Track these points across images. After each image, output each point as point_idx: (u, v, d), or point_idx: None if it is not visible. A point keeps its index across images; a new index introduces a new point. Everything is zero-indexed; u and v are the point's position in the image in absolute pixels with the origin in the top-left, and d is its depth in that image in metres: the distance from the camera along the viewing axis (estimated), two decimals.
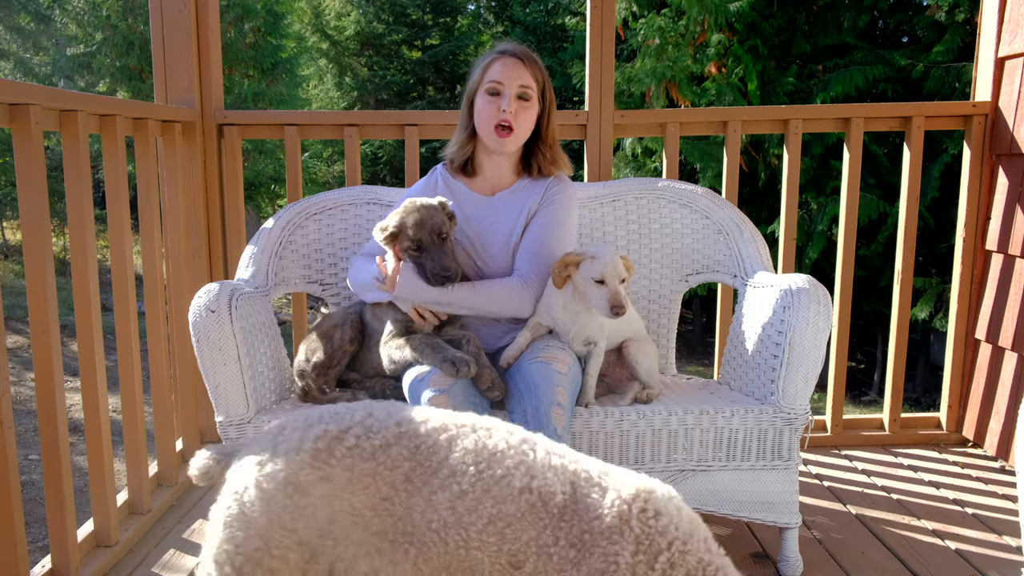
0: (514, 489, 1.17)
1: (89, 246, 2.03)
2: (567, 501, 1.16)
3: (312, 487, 1.20)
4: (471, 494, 1.17)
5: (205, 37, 2.71)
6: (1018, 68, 2.70)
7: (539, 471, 1.19)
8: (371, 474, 1.20)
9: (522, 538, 1.15)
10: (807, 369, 1.89)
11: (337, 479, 1.20)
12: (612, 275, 1.82)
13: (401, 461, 1.20)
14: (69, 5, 11.58)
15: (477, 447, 1.21)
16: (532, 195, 2.11)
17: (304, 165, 12.77)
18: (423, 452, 1.21)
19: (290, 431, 1.26)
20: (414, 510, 1.18)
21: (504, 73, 2.01)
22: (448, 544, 1.16)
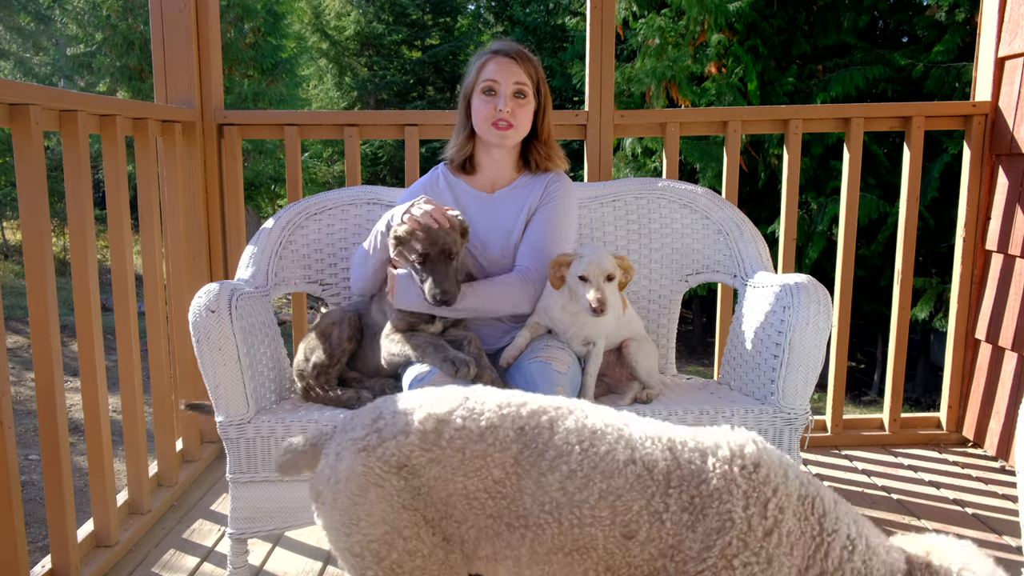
0: (619, 463, 1.20)
1: (89, 246, 2.03)
2: (670, 468, 1.20)
3: (424, 469, 1.21)
4: (580, 473, 1.19)
5: (205, 37, 2.71)
6: (1018, 68, 2.70)
7: (638, 443, 1.23)
8: (482, 456, 1.22)
9: (633, 508, 1.19)
10: (807, 369, 1.89)
11: (448, 462, 1.21)
12: (595, 273, 1.82)
13: (509, 443, 1.22)
14: (69, 5, 11.58)
15: (578, 426, 1.24)
16: (532, 192, 2.12)
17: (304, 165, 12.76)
18: (528, 434, 1.23)
19: (390, 415, 1.26)
20: (525, 493, 1.20)
21: (499, 72, 2.02)
22: (563, 524, 1.19)
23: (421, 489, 1.21)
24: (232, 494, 1.92)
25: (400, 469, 1.21)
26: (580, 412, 1.27)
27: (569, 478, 1.19)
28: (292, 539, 2.29)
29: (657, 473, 1.20)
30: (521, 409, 1.26)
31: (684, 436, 1.26)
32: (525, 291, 1.99)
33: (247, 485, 1.91)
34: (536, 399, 1.31)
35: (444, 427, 1.23)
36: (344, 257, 2.36)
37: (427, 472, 1.21)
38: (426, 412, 1.25)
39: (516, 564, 1.23)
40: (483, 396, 1.29)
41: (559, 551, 1.20)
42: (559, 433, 1.23)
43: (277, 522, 1.93)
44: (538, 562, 1.22)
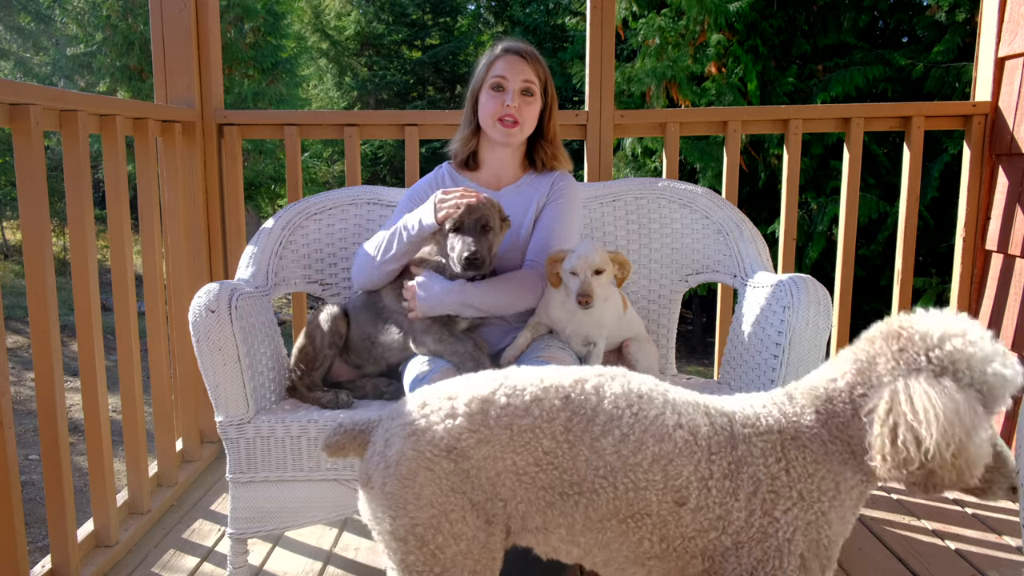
0: (668, 427, 1.22)
1: (89, 246, 2.03)
2: (710, 433, 1.22)
3: (473, 450, 1.23)
4: (633, 436, 1.21)
5: (205, 37, 2.71)
6: (1018, 68, 2.70)
7: (682, 407, 1.25)
8: (530, 429, 1.22)
9: (683, 473, 1.20)
10: (807, 369, 1.87)
11: (497, 440, 1.23)
12: (584, 266, 1.83)
13: (556, 412, 1.23)
14: (69, 5, 11.57)
15: (625, 391, 1.25)
16: (539, 189, 2.13)
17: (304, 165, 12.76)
18: (575, 401, 1.24)
19: (435, 401, 1.28)
20: (579, 459, 1.21)
21: (508, 69, 2.03)
22: (618, 488, 1.20)
23: (470, 472, 1.23)
24: (232, 494, 1.92)
25: (450, 452, 1.23)
26: (623, 377, 1.29)
27: (622, 441, 1.21)
28: (292, 539, 2.29)
29: (700, 438, 1.22)
30: (563, 379, 1.27)
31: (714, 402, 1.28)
32: (540, 285, 2.01)
33: (247, 485, 1.91)
34: (576, 368, 1.32)
35: (490, 407, 1.25)
36: (344, 257, 2.36)
37: (476, 453, 1.23)
38: (470, 395, 1.27)
39: (570, 531, 1.25)
40: (522, 373, 1.31)
41: (613, 517, 1.22)
42: (607, 398, 1.24)
43: (277, 522, 1.93)
44: (592, 529, 1.23)
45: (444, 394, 1.29)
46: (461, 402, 1.26)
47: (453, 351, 1.85)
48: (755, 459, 1.21)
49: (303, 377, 2.03)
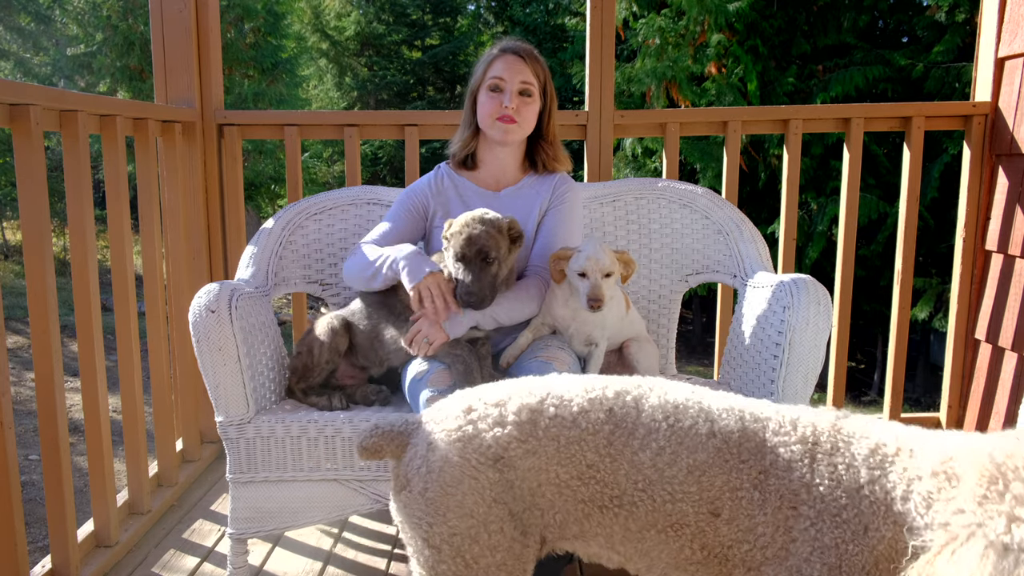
0: (702, 436, 1.20)
1: (89, 246, 2.03)
2: (741, 439, 1.19)
3: (520, 461, 1.21)
4: (668, 448, 1.20)
5: (205, 37, 2.71)
6: (1018, 68, 2.70)
7: (715, 415, 1.22)
8: (577, 441, 1.21)
9: (716, 483, 1.18)
10: (807, 369, 1.89)
11: (544, 451, 1.21)
12: (593, 268, 1.82)
13: (600, 425, 1.22)
14: (69, 5, 11.58)
15: (663, 403, 1.24)
16: (541, 193, 2.12)
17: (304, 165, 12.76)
18: (617, 414, 1.23)
19: (482, 407, 1.26)
20: (619, 473, 1.20)
21: (506, 70, 2.02)
22: (656, 501, 1.19)
23: (514, 482, 1.21)
24: (232, 494, 1.93)
25: (496, 461, 1.21)
26: (660, 388, 1.28)
27: (659, 454, 1.20)
28: (292, 539, 2.29)
29: (732, 445, 1.20)
30: (606, 391, 1.26)
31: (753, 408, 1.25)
32: (545, 291, 2.01)
33: (247, 485, 1.91)
34: (617, 380, 1.31)
35: (539, 417, 1.23)
36: (344, 257, 2.36)
37: (522, 464, 1.21)
38: (519, 403, 1.25)
39: (608, 540, 1.24)
40: (567, 382, 1.29)
41: (652, 527, 1.20)
42: (645, 411, 1.24)
43: (277, 522, 1.93)
44: (631, 539, 1.22)
45: (492, 400, 1.26)
46: (510, 410, 1.24)
47: (447, 352, 1.85)
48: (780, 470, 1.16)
49: (299, 382, 2.03)
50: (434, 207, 2.12)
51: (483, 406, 1.26)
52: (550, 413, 1.23)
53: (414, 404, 1.83)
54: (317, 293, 2.36)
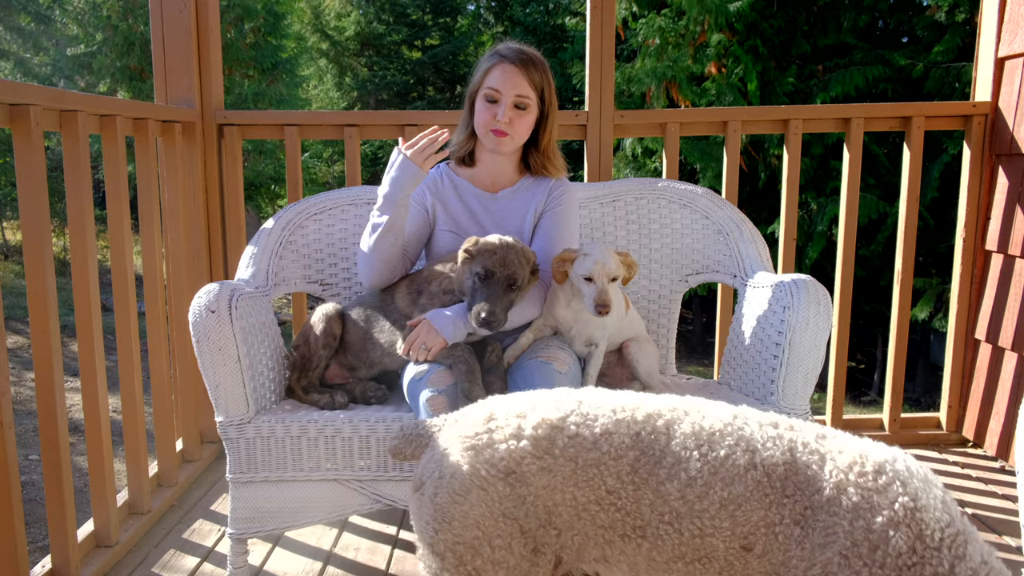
0: (739, 468, 1.12)
1: (89, 246, 2.03)
2: (787, 472, 1.11)
3: (533, 477, 1.16)
4: (700, 480, 1.12)
5: (205, 37, 2.71)
6: (1018, 68, 2.70)
7: (758, 444, 1.14)
8: (596, 464, 1.15)
9: (752, 519, 1.11)
10: (807, 369, 1.89)
11: (560, 471, 1.16)
12: (600, 273, 1.82)
13: (625, 450, 1.16)
14: (69, 5, 11.57)
15: (696, 430, 1.16)
16: (536, 195, 2.12)
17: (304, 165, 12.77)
18: (644, 440, 1.16)
19: (503, 417, 1.22)
20: (643, 503, 1.14)
21: (502, 81, 2.01)
22: (683, 535, 1.13)
23: (527, 498, 1.16)
24: (232, 494, 1.92)
25: (508, 475, 1.16)
26: (696, 413, 1.20)
27: (689, 486, 1.12)
28: (292, 539, 2.29)
29: (775, 479, 1.11)
30: (636, 413, 1.20)
31: (810, 436, 1.15)
32: (545, 295, 2.01)
33: (247, 485, 1.91)
34: (651, 401, 1.23)
35: (558, 434, 1.17)
36: (344, 257, 2.36)
37: (536, 481, 1.16)
38: (540, 417, 1.20)
39: (633, 569, 1.18)
40: (597, 400, 1.24)
41: (679, 560, 1.15)
42: (676, 438, 1.16)
43: (277, 522, 1.93)
44: (657, 569, 1.16)
45: (514, 410, 1.22)
46: (529, 423, 1.19)
47: (448, 354, 1.85)
48: (842, 514, 1.05)
49: (300, 379, 2.03)
50: (433, 205, 2.13)
51: (504, 416, 1.22)
52: (570, 431, 1.17)
53: (413, 404, 1.83)
54: (317, 293, 2.36)
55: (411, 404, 1.87)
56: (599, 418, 1.19)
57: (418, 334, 1.86)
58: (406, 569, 2.13)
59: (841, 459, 1.10)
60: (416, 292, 2.01)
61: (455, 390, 1.78)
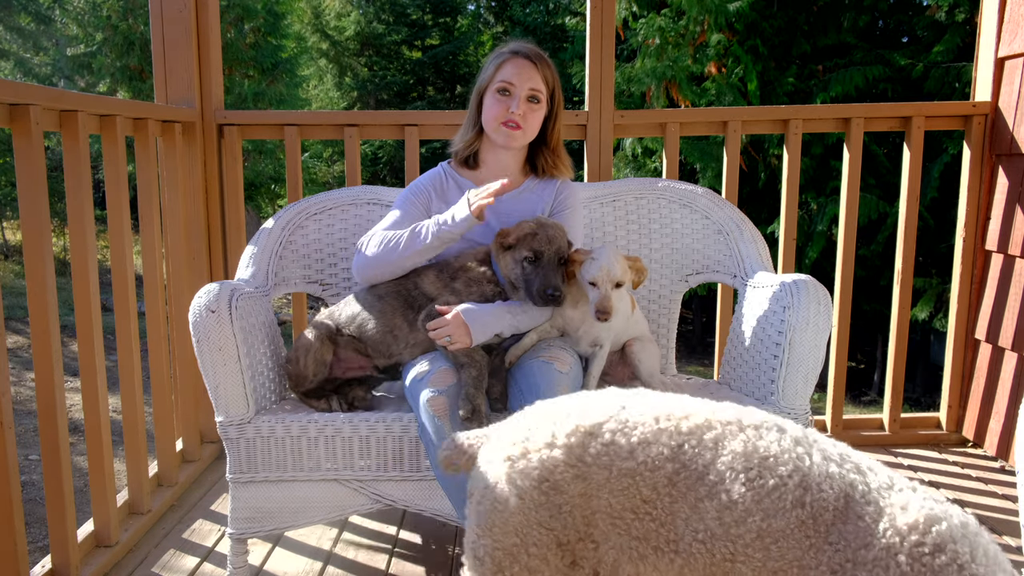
0: (786, 503, 1.06)
1: (89, 246, 2.03)
2: (836, 519, 1.04)
3: (567, 485, 1.15)
4: (741, 505, 1.07)
5: (205, 37, 2.71)
6: (1018, 68, 2.70)
7: (814, 482, 1.06)
8: (631, 474, 1.13)
9: (787, 556, 1.05)
10: (807, 369, 1.89)
11: (593, 478, 1.14)
12: (604, 279, 1.83)
13: (663, 462, 1.12)
14: (69, 5, 11.58)
15: (747, 450, 1.10)
16: (543, 198, 2.13)
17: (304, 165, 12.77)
18: (687, 453, 1.11)
19: (538, 425, 1.21)
20: (678, 517, 1.11)
21: (516, 74, 2.01)
22: (715, 556, 1.09)
23: (563, 507, 1.15)
24: (232, 494, 1.92)
25: (541, 483, 1.16)
26: (752, 431, 1.12)
27: (728, 508, 1.07)
28: (292, 539, 2.29)
29: (821, 523, 1.04)
30: (682, 423, 1.14)
31: (873, 483, 1.06)
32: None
33: (247, 485, 1.91)
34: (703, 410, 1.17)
35: (591, 441, 1.15)
36: (344, 257, 2.36)
37: (570, 489, 1.15)
38: (574, 424, 1.18)
39: None
40: (642, 406, 1.19)
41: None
42: (723, 456, 1.10)
43: (277, 522, 1.93)
44: None
45: (551, 417, 1.21)
46: (563, 431, 1.17)
47: (467, 352, 1.84)
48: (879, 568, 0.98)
49: (295, 387, 2.02)
50: (438, 207, 2.12)
51: (540, 423, 1.21)
52: (605, 439, 1.15)
53: (414, 404, 1.83)
54: (317, 293, 2.36)
55: (411, 404, 1.86)
56: (639, 427, 1.15)
57: (447, 322, 1.84)
58: (406, 569, 2.13)
59: (901, 519, 1.00)
60: (449, 277, 1.97)
61: (455, 391, 1.78)
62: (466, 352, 1.83)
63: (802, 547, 1.04)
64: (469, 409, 1.72)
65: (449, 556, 2.19)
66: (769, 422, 1.15)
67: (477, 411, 1.72)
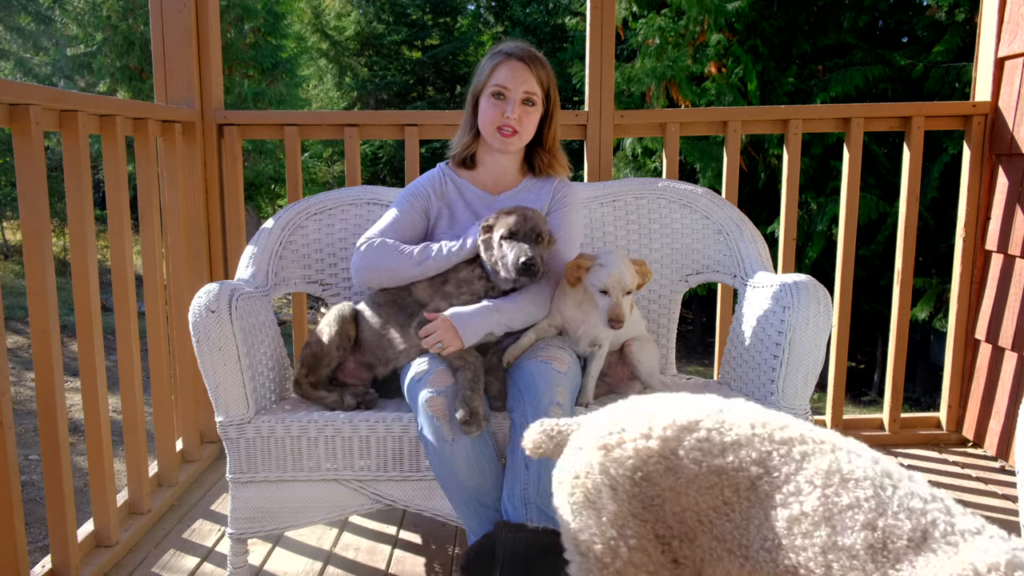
0: (857, 523, 1.03)
1: (89, 246, 2.03)
2: (909, 549, 0.99)
3: (659, 478, 1.15)
4: (811, 518, 1.06)
5: (205, 37, 2.71)
6: (1018, 68, 2.70)
7: (891, 509, 1.02)
8: (718, 472, 1.13)
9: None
10: (807, 369, 1.89)
11: (684, 473, 1.14)
12: (616, 287, 1.82)
13: (749, 465, 1.12)
14: (69, 5, 11.58)
15: (831, 469, 1.08)
16: (541, 196, 2.12)
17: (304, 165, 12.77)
18: (774, 460, 1.11)
19: (635, 415, 1.21)
20: (752, 522, 1.11)
21: (510, 78, 2.01)
22: (778, 567, 1.08)
23: (655, 499, 1.15)
24: (232, 494, 1.93)
25: (634, 473, 1.15)
26: (843, 454, 1.10)
27: (798, 520, 1.06)
28: (292, 539, 2.29)
29: (891, 551, 1.01)
30: (775, 432, 1.14)
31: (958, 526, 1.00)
32: (550, 298, 2.01)
33: (247, 485, 1.91)
34: (802, 426, 1.15)
35: (686, 435, 1.15)
36: (344, 257, 2.36)
37: (662, 481, 1.14)
38: (671, 418, 1.18)
39: None
40: (740, 412, 1.19)
41: None
42: (807, 469, 1.09)
43: (277, 522, 1.93)
44: None
45: (646, 411, 1.21)
46: (659, 424, 1.17)
47: (460, 355, 1.84)
48: None
49: (308, 375, 2.02)
50: (437, 208, 2.12)
51: (636, 414, 1.21)
52: (699, 435, 1.15)
53: (413, 404, 1.84)
54: (317, 293, 2.36)
55: (410, 404, 1.87)
56: (734, 428, 1.15)
57: (436, 328, 1.85)
58: (406, 569, 2.13)
59: (981, 559, 0.95)
60: (440, 282, 1.99)
61: (454, 391, 1.78)
62: (459, 355, 1.83)
63: (865, 570, 1.00)
64: (466, 412, 1.72)
65: (449, 556, 2.19)
66: (864, 451, 1.12)
67: (475, 414, 1.72)
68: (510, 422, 1.81)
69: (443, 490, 1.82)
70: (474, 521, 1.77)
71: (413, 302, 1.99)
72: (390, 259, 1.98)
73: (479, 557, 1.67)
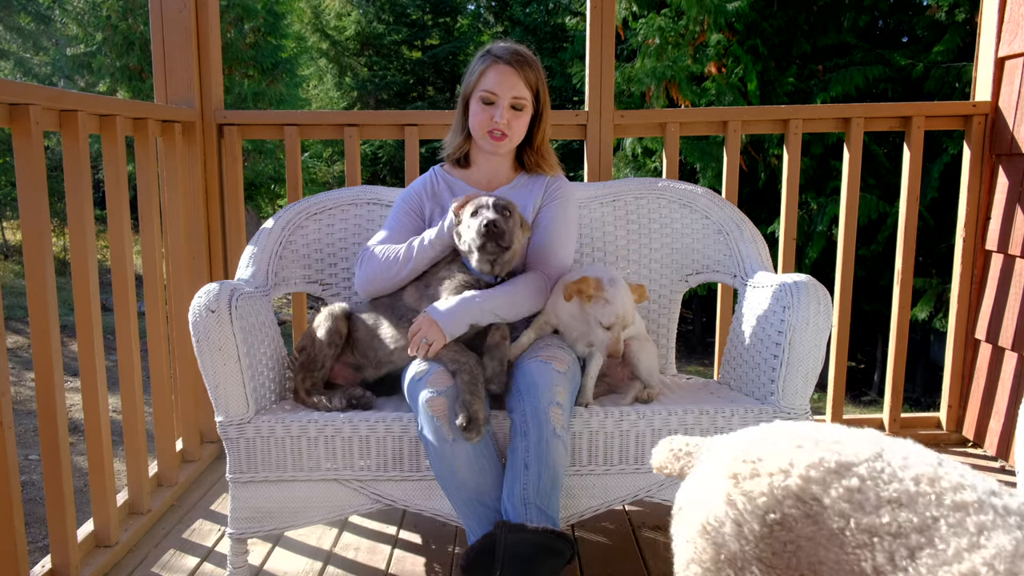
0: None
1: (89, 246, 2.03)
2: None
3: (796, 524, 0.97)
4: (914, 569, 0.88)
5: (205, 37, 2.71)
6: (1018, 68, 2.70)
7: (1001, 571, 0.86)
8: (870, 532, 0.93)
9: None
10: (807, 369, 1.89)
11: (827, 525, 0.96)
12: (619, 325, 1.85)
13: (909, 531, 0.91)
14: (69, 5, 11.58)
15: (1018, 552, 0.86)
16: (533, 192, 2.13)
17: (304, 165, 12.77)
18: (941, 530, 0.90)
19: (778, 445, 1.04)
20: None
21: (498, 83, 2.02)
22: None
23: (787, 546, 0.98)
24: (232, 494, 1.92)
25: (767, 513, 0.99)
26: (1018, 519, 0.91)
27: None
28: (292, 539, 2.29)
29: None
30: (946, 495, 0.94)
31: None
32: (547, 290, 2.02)
33: (247, 485, 1.91)
34: (980, 487, 0.96)
35: (835, 481, 0.97)
36: (344, 257, 2.36)
37: (799, 529, 0.97)
38: (819, 455, 1.00)
39: None
40: (904, 457, 1.01)
41: None
42: (986, 549, 0.87)
43: (277, 522, 1.93)
44: None
45: (791, 440, 1.04)
46: (804, 460, 1.00)
47: (453, 359, 1.83)
48: None
49: (304, 379, 2.02)
50: (431, 209, 2.13)
51: (781, 440, 1.05)
52: (851, 483, 0.96)
53: (413, 405, 1.83)
54: (317, 293, 2.36)
55: (411, 404, 1.86)
56: (894, 482, 0.97)
57: (419, 327, 1.86)
58: (406, 569, 2.13)
59: None
60: (424, 285, 2.00)
61: (455, 391, 1.78)
62: (452, 357, 1.83)
63: None
64: (466, 417, 1.72)
65: (449, 556, 2.19)
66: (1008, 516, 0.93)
67: (474, 419, 1.72)
68: (510, 422, 1.81)
69: (443, 490, 1.82)
70: (474, 521, 1.76)
71: (403, 306, 2.01)
72: (382, 266, 2.02)
73: (479, 557, 1.67)
